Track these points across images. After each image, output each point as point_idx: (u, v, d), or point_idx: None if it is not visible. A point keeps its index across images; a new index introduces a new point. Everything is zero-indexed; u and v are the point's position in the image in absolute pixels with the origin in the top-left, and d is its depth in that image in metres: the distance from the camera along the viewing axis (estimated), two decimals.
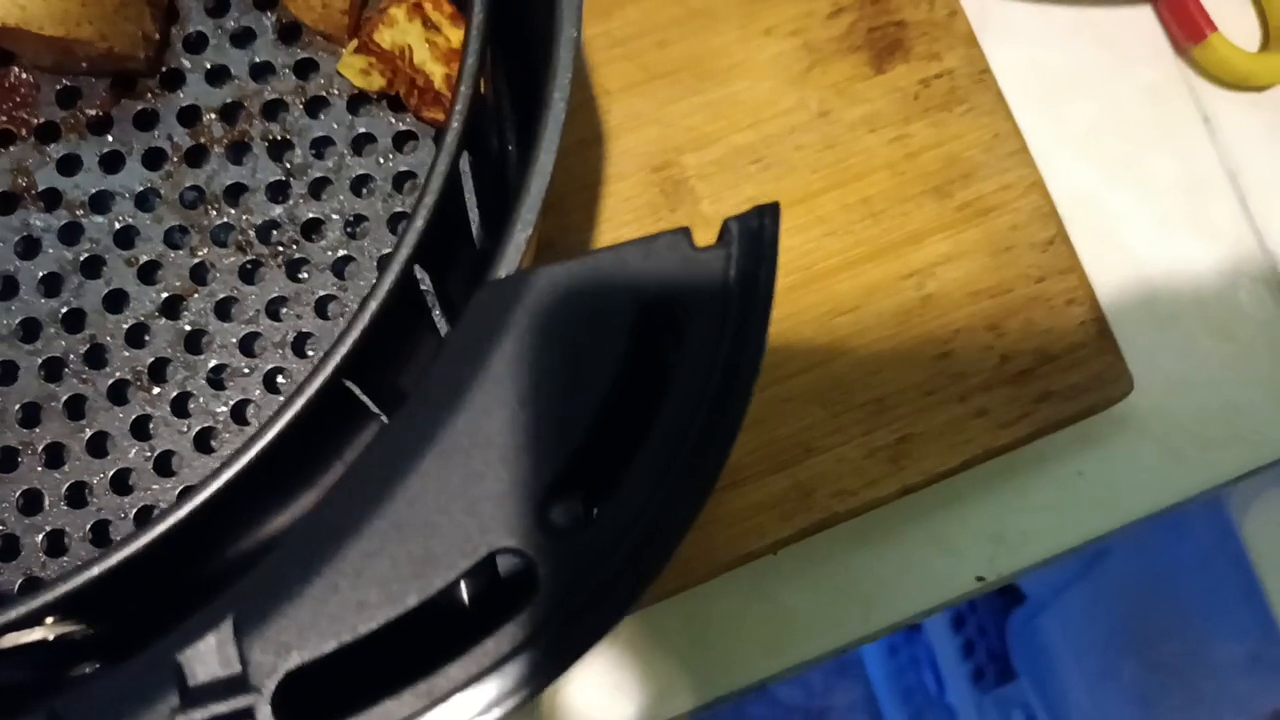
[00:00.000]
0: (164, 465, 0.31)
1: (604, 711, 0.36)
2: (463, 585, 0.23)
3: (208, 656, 0.18)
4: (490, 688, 0.18)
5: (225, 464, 0.22)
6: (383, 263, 0.32)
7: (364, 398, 0.25)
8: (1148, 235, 0.39)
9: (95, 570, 0.20)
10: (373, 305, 0.21)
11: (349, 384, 0.23)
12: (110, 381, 0.32)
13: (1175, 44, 0.40)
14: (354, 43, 0.33)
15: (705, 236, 0.36)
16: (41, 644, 0.22)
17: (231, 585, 0.20)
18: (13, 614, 0.20)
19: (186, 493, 0.31)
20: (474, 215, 0.29)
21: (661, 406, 0.19)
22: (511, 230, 0.20)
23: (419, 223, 0.21)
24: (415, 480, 0.18)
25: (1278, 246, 0.39)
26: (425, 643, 0.20)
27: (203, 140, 0.33)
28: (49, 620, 0.21)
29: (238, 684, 0.18)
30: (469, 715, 0.18)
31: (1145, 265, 0.39)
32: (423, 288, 0.25)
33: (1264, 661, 0.69)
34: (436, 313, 0.27)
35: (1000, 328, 0.36)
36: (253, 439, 0.21)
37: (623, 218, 0.36)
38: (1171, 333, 0.38)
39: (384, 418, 0.27)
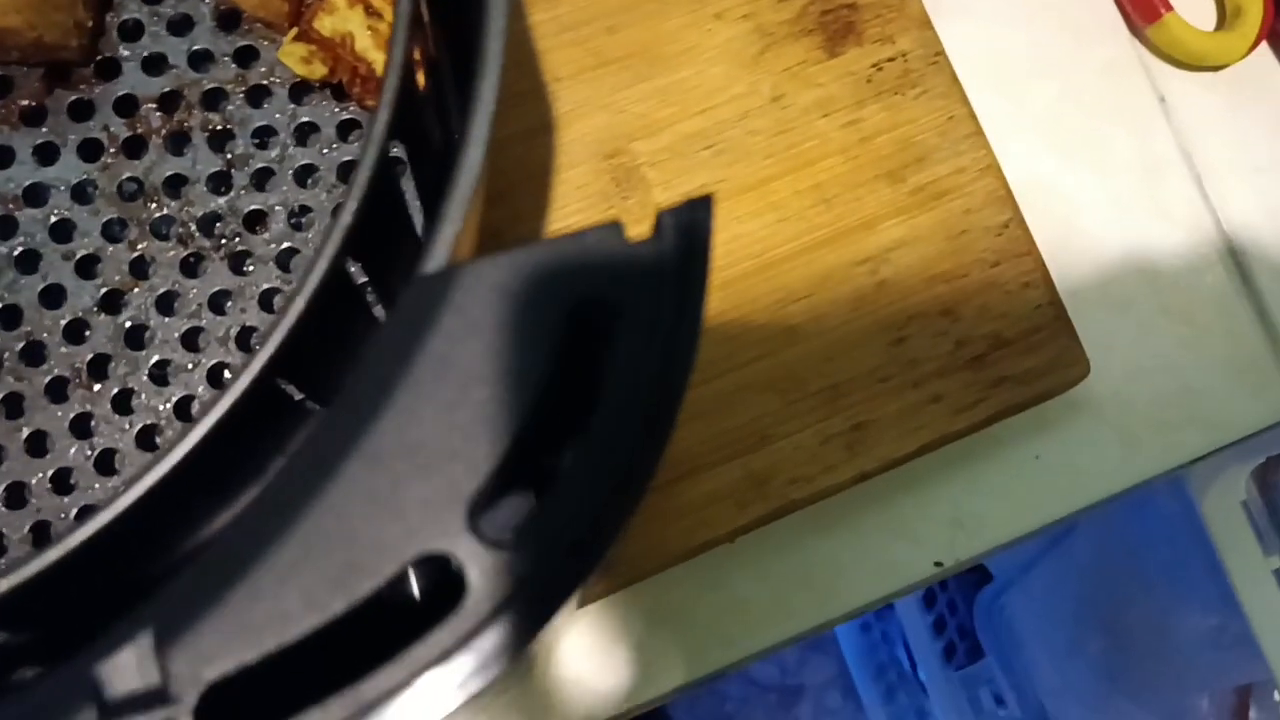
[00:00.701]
0: (106, 463, 0.31)
1: (565, 701, 0.36)
2: (413, 580, 0.23)
3: (127, 669, 0.17)
4: (419, 693, 0.18)
5: (137, 476, 0.22)
6: None
7: (299, 394, 0.24)
8: (1104, 217, 0.39)
9: (15, 578, 0.20)
10: (300, 302, 0.20)
11: (282, 383, 0.23)
12: (48, 379, 0.31)
13: (1130, 24, 0.40)
14: (294, 30, 0.32)
15: (652, 221, 0.35)
16: None
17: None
18: None
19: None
20: (416, 205, 0.29)
21: (595, 404, 0.19)
22: (438, 225, 0.19)
23: (347, 217, 0.20)
24: (340, 486, 0.18)
25: (1234, 227, 0.39)
26: (366, 643, 0.19)
27: (141, 131, 0.33)
28: None
29: (158, 696, 0.17)
30: None
31: (1101, 247, 0.38)
32: (360, 281, 0.24)
33: (1229, 636, 0.69)
34: (377, 307, 0.27)
35: (955, 313, 0.36)
36: (176, 442, 0.21)
37: (574, 206, 0.36)
38: (1128, 316, 0.38)
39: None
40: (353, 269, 0.24)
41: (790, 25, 0.37)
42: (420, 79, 0.28)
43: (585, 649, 0.35)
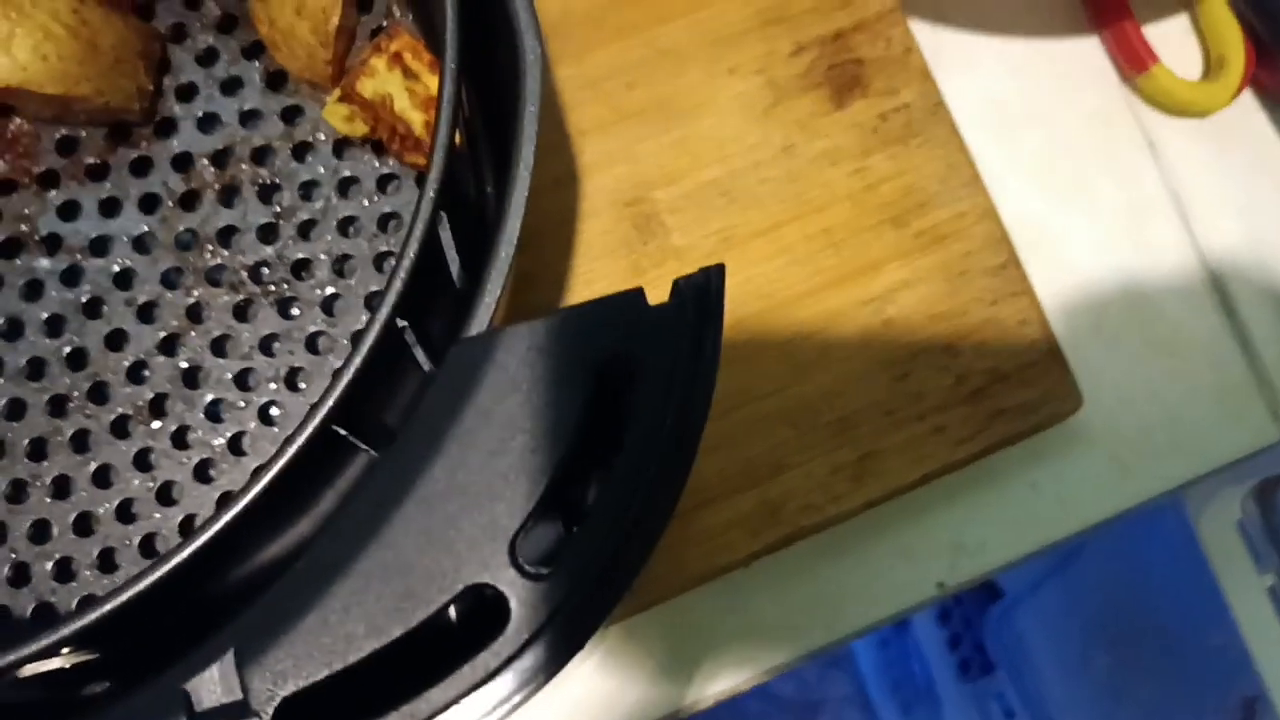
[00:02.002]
0: (165, 495, 0.33)
1: (587, 717, 0.38)
2: (450, 608, 0.26)
3: (212, 685, 0.20)
4: (470, 709, 0.20)
5: (223, 508, 0.24)
6: (370, 299, 0.34)
7: (352, 439, 0.27)
8: (1095, 256, 0.41)
9: (107, 607, 0.22)
10: (357, 360, 0.23)
11: (338, 429, 0.25)
12: (113, 416, 0.34)
13: (1121, 73, 0.42)
14: (337, 91, 0.35)
15: (676, 268, 0.38)
16: (57, 670, 0.24)
17: (230, 610, 0.22)
18: (32, 648, 0.22)
19: (189, 525, 0.33)
20: (453, 257, 0.31)
21: (619, 447, 0.21)
22: (481, 292, 0.22)
23: (397, 284, 0.23)
24: (398, 524, 0.20)
25: (1218, 263, 0.41)
26: (416, 661, 0.22)
27: (195, 185, 0.35)
28: (65, 651, 0.23)
29: (240, 710, 0.20)
30: None
31: (1093, 285, 0.41)
32: (406, 336, 0.27)
33: (1232, 653, 0.71)
34: (419, 352, 0.29)
35: (956, 349, 0.38)
36: (248, 485, 0.23)
37: (597, 251, 0.38)
38: (1118, 349, 0.40)
39: (371, 453, 0.29)
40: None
41: (800, 79, 0.39)
42: (457, 139, 0.30)
43: (610, 667, 0.38)
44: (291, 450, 0.22)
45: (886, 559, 0.39)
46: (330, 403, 0.23)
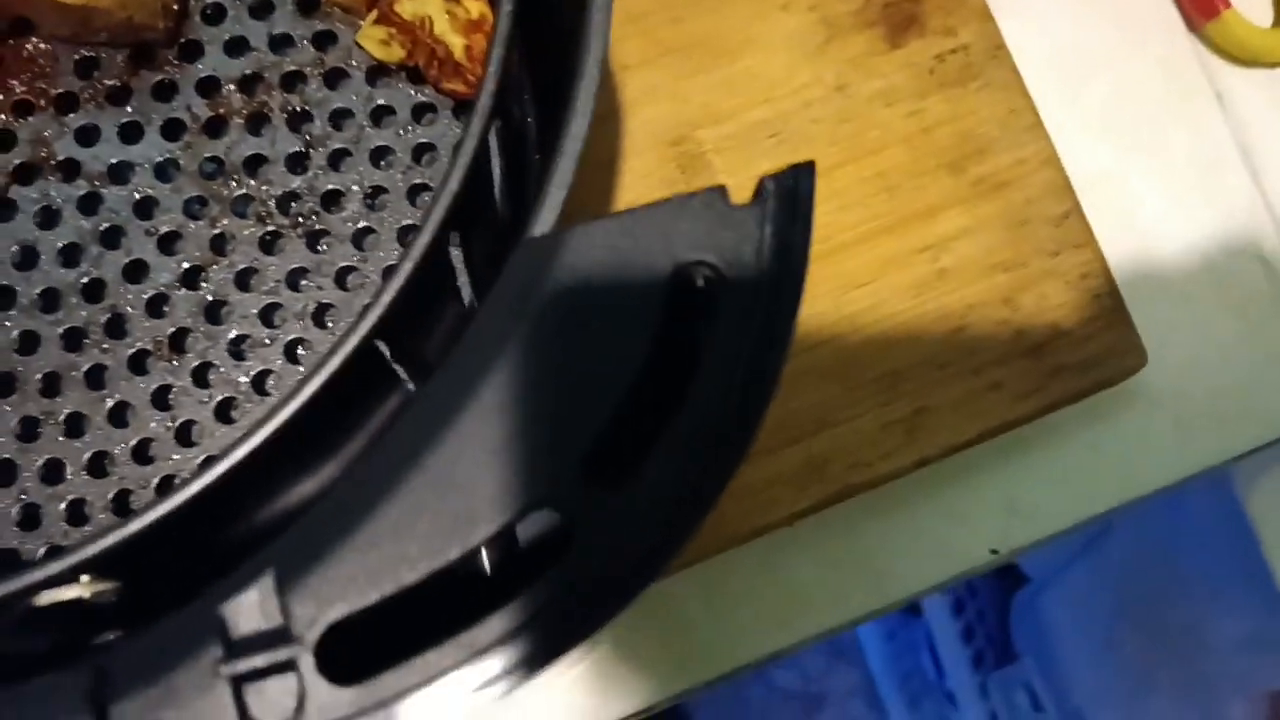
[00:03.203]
0: (185, 435, 0.32)
1: (620, 681, 0.36)
2: (484, 553, 0.24)
3: (250, 610, 0.18)
4: (527, 641, 0.18)
5: (258, 425, 0.23)
6: (403, 234, 0.33)
7: (394, 364, 0.25)
8: (1162, 211, 0.39)
9: (124, 532, 0.20)
10: (407, 266, 0.21)
11: (380, 345, 0.23)
12: (131, 351, 0.32)
13: (1188, 20, 0.40)
14: (374, 13, 0.33)
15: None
16: (73, 604, 0.23)
17: (259, 549, 0.21)
18: (49, 569, 0.20)
19: (209, 462, 0.32)
20: (498, 183, 0.30)
21: (695, 373, 0.19)
22: (547, 189, 0.20)
23: (453, 185, 0.21)
24: (453, 439, 0.19)
25: None
26: (454, 605, 0.20)
27: (222, 111, 0.33)
28: (84, 579, 0.21)
29: (280, 636, 0.18)
30: (508, 667, 0.18)
31: (1159, 241, 0.39)
32: (452, 253, 0.25)
33: (1265, 640, 0.69)
34: (463, 279, 0.27)
35: (1015, 302, 0.36)
36: (283, 402, 0.21)
37: (639, 192, 0.36)
38: (1185, 308, 0.38)
39: (410, 385, 0.27)
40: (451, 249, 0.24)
41: (854, 16, 0.37)
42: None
43: (645, 628, 0.36)
44: (336, 360, 0.20)
45: (938, 521, 0.37)
46: (380, 310, 0.21)
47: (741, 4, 0.37)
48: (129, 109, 0.33)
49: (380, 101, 0.33)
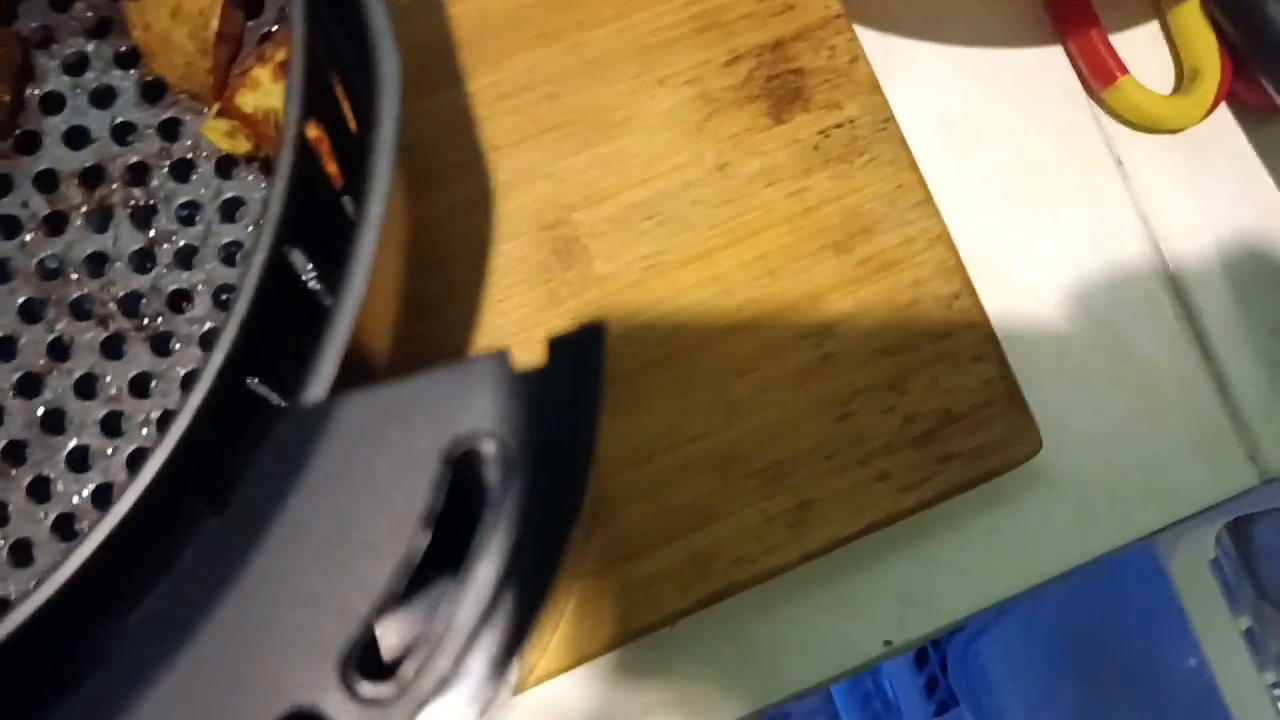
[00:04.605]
0: (21, 554, 0.30)
1: None
2: None
3: None
4: None
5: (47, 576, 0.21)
6: None
7: (194, 500, 0.23)
8: (1058, 284, 0.38)
9: None
10: (182, 424, 0.20)
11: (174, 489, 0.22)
12: None
13: (1086, 86, 0.39)
14: (215, 105, 0.31)
15: (597, 296, 0.34)
16: None
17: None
18: None
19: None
20: (311, 277, 0.28)
21: (472, 550, 0.18)
22: (318, 358, 0.19)
23: (226, 346, 0.19)
24: (206, 638, 0.17)
25: (1193, 294, 0.38)
26: None
27: (61, 206, 0.32)
28: None
29: None
30: None
31: (1055, 317, 0.37)
32: (253, 385, 0.23)
33: (1204, 678, 0.68)
34: (273, 396, 0.26)
35: (903, 387, 0.35)
36: (72, 550, 0.20)
37: (513, 277, 0.35)
38: (1083, 387, 0.37)
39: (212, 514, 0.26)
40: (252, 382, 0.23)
41: (735, 91, 0.36)
42: (331, 164, 0.27)
43: None
44: (109, 522, 0.19)
45: (828, 614, 0.36)
46: (151, 472, 0.20)
47: (620, 79, 0.36)
48: None
49: (231, 194, 0.32)
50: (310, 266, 0.24)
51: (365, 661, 0.18)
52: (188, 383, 0.31)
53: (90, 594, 0.22)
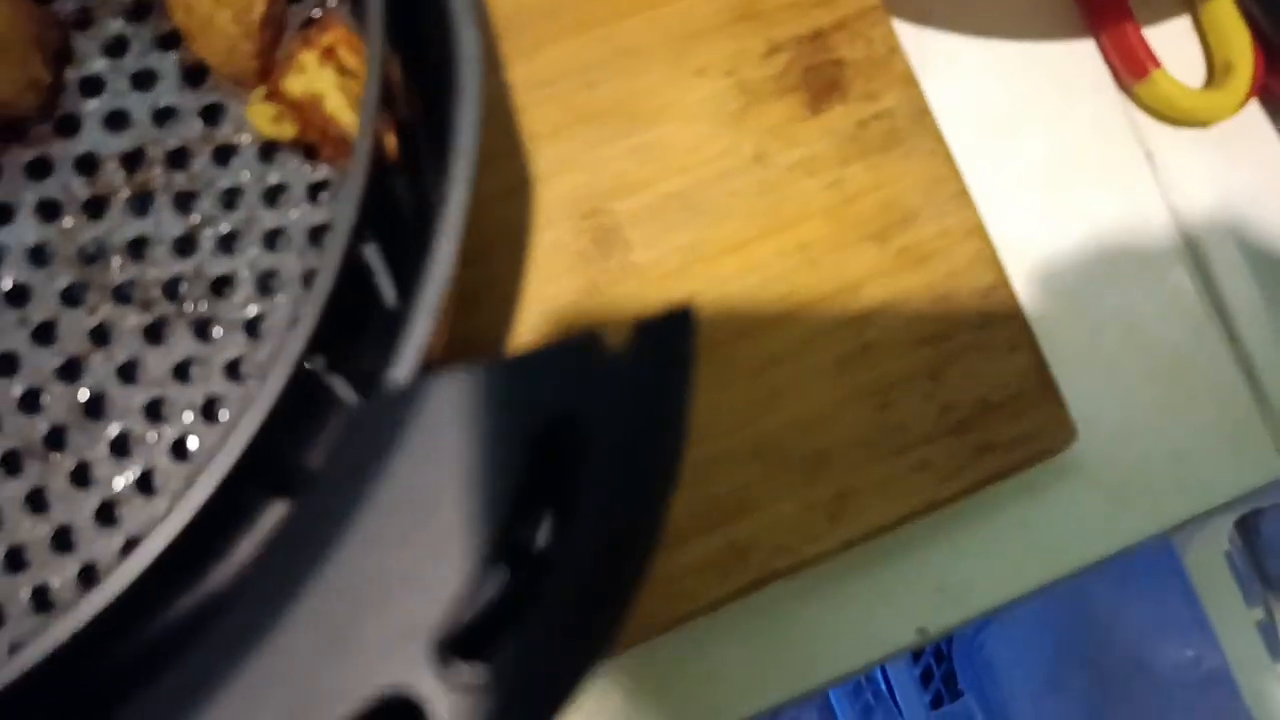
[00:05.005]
0: (63, 540, 0.30)
1: None
2: None
3: None
4: None
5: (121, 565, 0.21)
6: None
7: (264, 491, 0.23)
8: (1090, 277, 0.38)
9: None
10: (259, 413, 0.20)
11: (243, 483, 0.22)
12: (0, 452, 0.30)
13: (1119, 80, 0.39)
14: (262, 89, 0.31)
15: (637, 287, 0.34)
16: None
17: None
18: None
19: (89, 576, 0.30)
20: (383, 279, 0.28)
21: (561, 541, 0.18)
22: (408, 329, 0.18)
23: (307, 327, 0.19)
24: (293, 621, 0.17)
25: (1222, 287, 0.38)
26: None
27: (102, 190, 0.31)
28: None
29: None
30: None
31: (1088, 308, 0.38)
32: (324, 376, 0.23)
33: (1205, 668, 0.69)
34: (343, 388, 0.26)
35: (940, 376, 0.35)
36: (143, 543, 0.20)
37: (553, 267, 0.35)
38: (1116, 378, 0.37)
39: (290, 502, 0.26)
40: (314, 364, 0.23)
41: (773, 82, 0.36)
42: (392, 146, 0.27)
43: None
44: (176, 521, 0.19)
45: (863, 602, 0.36)
46: (227, 463, 0.20)
47: (656, 69, 0.36)
48: None
49: (274, 179, 0.32)
50: (375, 253, 0.24)
51: (459, 643, 0.17)
52: (232, 369, 0.31)
53: (159, 578, 0.22)
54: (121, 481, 0.30)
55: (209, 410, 0.31)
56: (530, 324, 0.34)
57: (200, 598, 0.29)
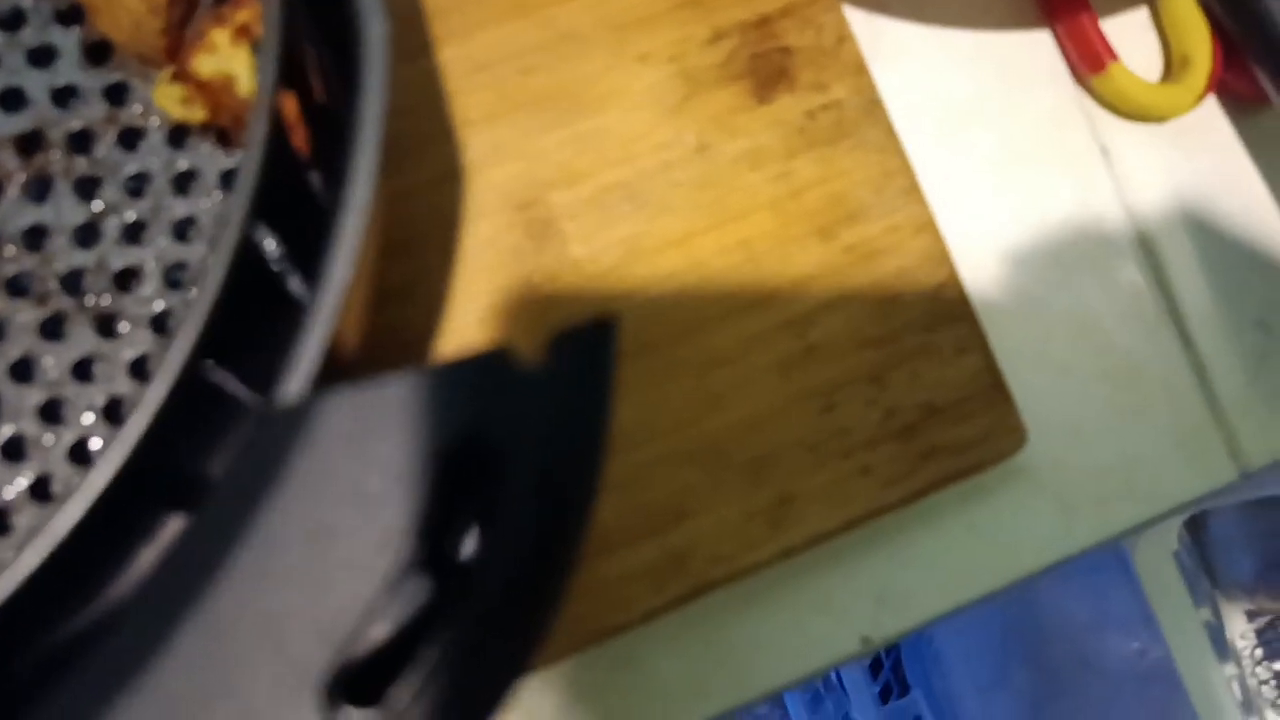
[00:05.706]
0: None
1: None
2: None
3: None
4: None
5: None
6: None
7: (155, 502, 0.22)
8: (1044, 275, 0.37)
9: None
10: (141, 421, 0.18)
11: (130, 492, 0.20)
12: None
13: (1075, 72, 0.38)
14: (169, 70, 0.29)
15: (574, 282, 0.33)
16: None
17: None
18: None
19: None
20: (294, 279, 0.26)
21: (477, 561, 0.16)
22: (296, 356, 0.17)
23: (196, 325, 0.18)
24: (170, 668, 0.15)
25: (1177, 287, 0.37)
26: None
27: None
28: None
29: None
30: None
31: (1041, 308, 0.37)
32: (213, 377, 0.21)
33: (1149, 661, 0.69)
34: (243, 391, 0.24)
35: (886, 379, 0.34)
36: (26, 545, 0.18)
37: (485, 261, 0.33)
38: (1068, 380, 0.36)
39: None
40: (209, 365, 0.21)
41: (718, 69, 0.34)
42: (303, 137, 0.25)
43: None
44: (58, 527, 0.17)
45: (804, 611, 0.35)
46: (109, 472, 0.18)
47: (598, 54, 0.34)
48: None
49: (184, 165, 0.30)
50: (275, 246, 0.22)
51: (352, 686, 0.16)
52: (137, 368, 0.29)
53: (38, 595, 0.20)
54: (13, 490, 0.28)
55: (111, 412, 0.29)
56: (462, 319, 0.32)
57: (99, 611, 0.27)
